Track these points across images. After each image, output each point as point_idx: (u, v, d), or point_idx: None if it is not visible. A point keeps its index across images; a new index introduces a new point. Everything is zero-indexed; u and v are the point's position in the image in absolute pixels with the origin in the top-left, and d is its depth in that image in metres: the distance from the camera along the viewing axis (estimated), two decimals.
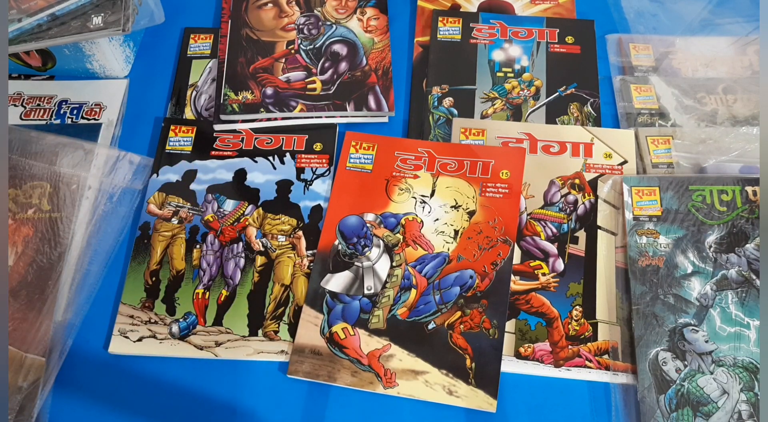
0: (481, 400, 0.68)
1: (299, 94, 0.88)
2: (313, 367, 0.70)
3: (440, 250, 0.77)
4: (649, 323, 0.70)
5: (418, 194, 0.81)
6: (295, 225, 0.80)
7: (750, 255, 0.73)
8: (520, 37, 0.95)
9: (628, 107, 0.88)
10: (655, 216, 0.76)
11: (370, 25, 0.96)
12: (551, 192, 0.81)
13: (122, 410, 0.70)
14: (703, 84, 0.89)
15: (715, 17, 0.98)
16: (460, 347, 0.70)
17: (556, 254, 0.77)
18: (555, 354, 0.71)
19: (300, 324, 0.73)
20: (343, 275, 0.76)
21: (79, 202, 0.78)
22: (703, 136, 0.84)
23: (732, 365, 0.67)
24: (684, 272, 0.73)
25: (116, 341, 0.72)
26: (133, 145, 0.87)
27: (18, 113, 0.89)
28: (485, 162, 0.82)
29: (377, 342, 0.71)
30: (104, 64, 0.91)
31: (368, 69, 0.91)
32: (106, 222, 0.79)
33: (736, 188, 0.76)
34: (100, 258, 0.78)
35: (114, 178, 0.81)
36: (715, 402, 0.66)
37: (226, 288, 0.77)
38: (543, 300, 0.74)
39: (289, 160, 0.85)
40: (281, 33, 0.95)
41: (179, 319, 0.74)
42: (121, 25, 0.82)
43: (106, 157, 0.83)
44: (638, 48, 0.94)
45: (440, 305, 0.73)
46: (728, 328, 0.69)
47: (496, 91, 0.91)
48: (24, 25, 0.80)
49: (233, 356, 0.72)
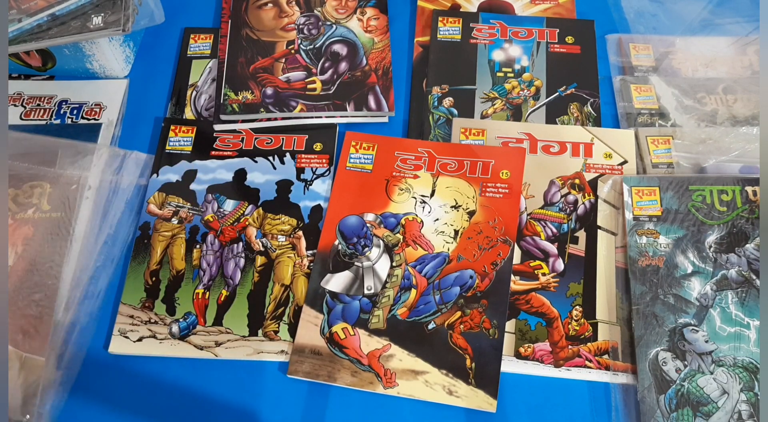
0: (481, 400, 0.68)
1: (299, 94, 0.88)
2: (313, 367, 0.70)
3: (440, 250, 0.77)
4: (649, 323, 0.70)
5: (418, 194, 0.81)
6: (295, 225, 0.80)
7: (750, 255, 0.73)
8: (520, 37, 0.95)
9: (628, 107, 0.88)
10: (655, 217, 0.76)
11: (370, 25, 0.96)
12: (551, 192, 0.81)
13: (122, 410, 0.70)
14: (703, 84, 0.89)
15: (715, 17, 0.98)
16: (460, 347, 0.70)
17: (556, 254, 0.77)
18: (555, 354, 0.71)
19: (300, 324, 0.73)
20: (343, 275, 0.76)
21: (79, 202, 0.78)
22: (703, 136, 0.84)
23: (732, 365, 0.67)
24: (684, 272, 0.73)
25: (116, 341, 0.72)
26: (133, 145, 0.87)
27: (18, 113, 0.89)
28: (485, 162, 0.82)
29: (377, 342, 0.71)
30: (104, 64, 0.91)
31: (368, 69, 0.91)
32: (107, 221, 0.79)
33: (736, 188, 0.76)
34: (102, 258, 0.78)
35: (121, 177, 0.81)
36: (715, 402, 0.66)
37: (226, 288, 0.77)
38: (543, 300, 0.74)
39: (289, 160, 0.85)
40: (281, 33, 0.95)
41: (179, 319, 0.74)
42: (121, 25, 0.82)
43: (109, 156, 0.82)
44: (638, 48, 0.94)
45: (440, 305, 0.73)
46: (728, 328, 0.69)
47: (496, 91, 0.91)
48: (24, 25, 0.80)
49: (233, 356, 0.72)
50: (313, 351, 0.71)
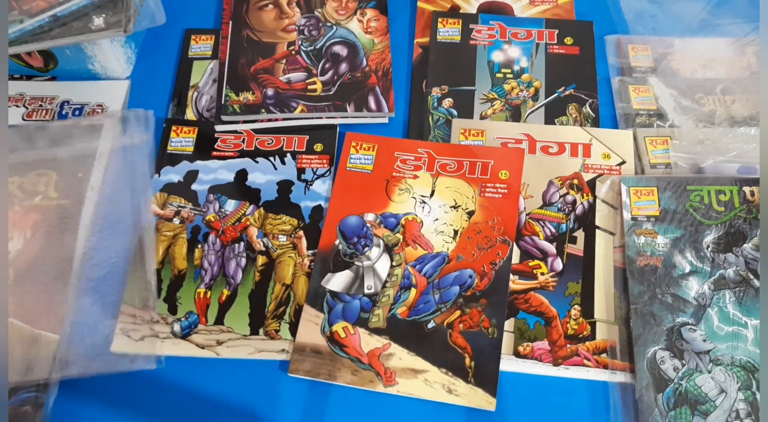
0: (480, 399, 0.68)
1: (300, 95, 0.89)
2: (313, 366, 0.71)
3: (440, 250, 0.77)
4: (647, 322, 0.71)
5: (417, 194, 0.81)
6: (295, 225, 0.81)
7: (747, 255, 0.73)
8: (519, 38, 0.95)
9: (627, 108, 0.89)
10: (653, 217, 0.76)
11: (370, 26, 0.96)
12: (550, 192, 0.82)
13: (123, 408, 0.70)
14: (702, 85, 0.89)
15: (714, 18, 0.98)
16: (459, 346, 0.71)
17: (555, 254, 0.78)
18: (553, 353, 0.72)
19: (301, 323, 0.73)
20: (343, 274, 0.76)
21: (86, 191, 0.79)
22: (701, 136, 0.84)
23: (730, 364, 0.68)
24: (682, 272, 0.73)
25: (118, 340, 0.73)
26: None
27: (20, 114, 0.89)
28: (484, 162, 0.82)
29: (377, 341, 0.72)
30: (106, 65, 0.92)
31: (368, 70, 0.91)
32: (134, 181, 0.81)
33: (734, 188, 0.77)
34: (109, 252, 0.78)
35: (131, 137, 0.83)
36: (713, 401, 0.66)
37: (227, 287, 0.77)
38: (542, 300, 0.75)
39: (290, 160, 0.86)
40: (282, 34, 0.95)
41: (181, 318, 0.75)
42: (123, 26, 0.83)
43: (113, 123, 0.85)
44: (637, 49, 0.95)
45: (440, 304, 0.73)
46: (726, 327, 0.70)
47: (495, 91, 0.91)
48: (26, 26, 0.80)
49: (234, 355, 0.72)
50: (314, 350, 0.72)
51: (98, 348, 0.72)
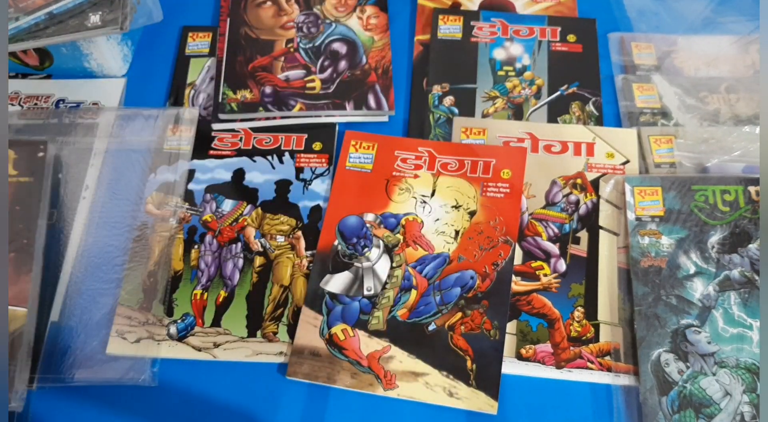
0: (481, 402, 0.67)
1: (298, 93, 0.88)
2: (312, 369, 0.70)
3: (441, 251, 0.76)
4: (651, 324, 0.70)
5: (418, 194, 0.80)
6: (294, 225, 0.80)
7: (753, 255, 0.72)
8: (521, 35, 0.95)
9: (630, 106, 0.88)
10: (658, 217, 0.76)
11: (370, 23, 0.95)
12: (553, 192, 0.81)
13: (120, 411, 0.69)
14: (706, 83, 0.89)
15: (718, 16, 0.98)
16: (460, 348, 0.70)
17: (558, 254, 0.77)
18: (556, 356, 0.71)
19: (299, 325, 0.72)
20: (342, 276, 0.75)
21: None
22: (705, 135, 0.83)
23: (735, 366, 0.67)
24: (686, 273, 0.72)
25: (114, 342, 0.72)
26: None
27: (15, 112, 0.88)
28: (486, 161, 0.81)
29: (377, 343, 0.71)
30: (102, 63, 0.91)
31: (368, 68, 0.90)
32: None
33: (739, 188, 0.76)
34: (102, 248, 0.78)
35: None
36: (718, 404, 0.65)
37: (224, 288, 0.76)
38: (544, 301, 0.74)
39: (288, 159, 0.85)
40: (280, 31, 0.94)
41: (177, 320, 0.74)
42: (119, 24, 0.82)
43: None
44: (640, 47, 0.94)
45: (441, 306, 0.72)
46: (731, 329, 0.69)
47: (497, 89, 0.90)
48: (21, 23, 0.80)
49: (232, 357, 0.72)
50: (313, 353, 0.71)
51: (94, 349, 0.71)
